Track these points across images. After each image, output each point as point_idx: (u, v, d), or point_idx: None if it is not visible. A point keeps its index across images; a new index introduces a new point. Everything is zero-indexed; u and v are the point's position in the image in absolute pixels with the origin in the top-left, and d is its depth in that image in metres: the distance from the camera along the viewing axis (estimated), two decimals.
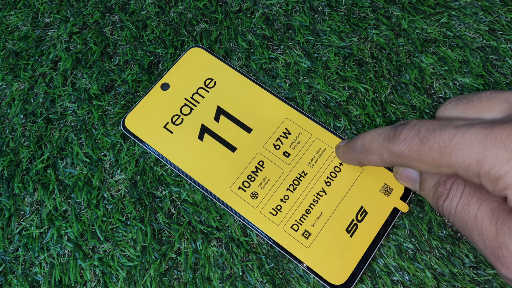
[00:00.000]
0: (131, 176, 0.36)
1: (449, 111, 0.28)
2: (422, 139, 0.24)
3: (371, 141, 0.29)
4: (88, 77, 0.39)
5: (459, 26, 0.40)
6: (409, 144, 0.25)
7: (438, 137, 0.24)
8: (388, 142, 0.27)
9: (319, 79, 0.39)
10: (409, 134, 0.25)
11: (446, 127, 0.24)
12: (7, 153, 0.37)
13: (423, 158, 0.24)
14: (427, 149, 0.24)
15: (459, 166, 0.23)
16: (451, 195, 0.26)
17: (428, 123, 0.25)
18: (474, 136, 0.22)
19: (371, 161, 0.29)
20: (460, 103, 0.28)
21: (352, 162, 0.32)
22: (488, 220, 0.24)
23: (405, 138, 0.25)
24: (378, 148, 0.28)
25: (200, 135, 0.36)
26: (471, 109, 0.27)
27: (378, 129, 0.29)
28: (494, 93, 0.26)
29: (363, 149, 0.30)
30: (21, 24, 0.42)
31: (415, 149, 0.25)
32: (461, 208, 0.25)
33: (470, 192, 0.25)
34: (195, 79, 0.38)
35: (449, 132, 0.23)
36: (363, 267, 0.32)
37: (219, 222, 0.34)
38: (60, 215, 0.35)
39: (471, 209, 0.25)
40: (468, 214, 0.25)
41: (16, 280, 0.33)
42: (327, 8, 0.42)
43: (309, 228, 0.33)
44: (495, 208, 0.24)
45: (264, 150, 0.35)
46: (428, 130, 0.24)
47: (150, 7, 0.42)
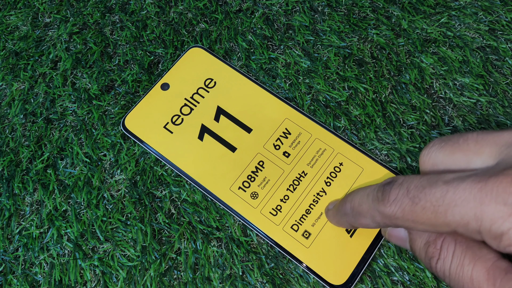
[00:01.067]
0: (131, 176, 0.36)
1: (434, 154, 0.27)
2: (413, 198, 0.23)
3: (360, 203, 0.27)
4: (88, 77, 0.39)
5: (459, 26, 0.40)
6: (400, 205, 0.24)
7: (429, 195, 0.23)
8: (378, 204, 0.25)
9: (319, 79, 0.39)
10: (398, 194, 0.24)
11: (436, 183, 0.23)
12: (7, 153, 0.37)
13: (418, 219, 0.23)
14: (420, 209, 0.23)
15: (457, 224, 0.22)
16: (443, 256, 0.25)
17: (416, 180, 0.24)
18: (467, 191, 0.21)
19: (363, 225, 0.28)
20: (445, 146, 0.26)
21: (345, 226, 0.31)
22: (485, 282, 0.22)
23: (395, 199, 0.24)
24: (369, 211, 0.26)
25: (200, 135, 0.36)
26: (458, 153, 0.25)
27: (365, 189, 0.27)
28: (481, 135, 0.25)
29: (353, 213, 0.28)
30: (21, 24, 0.42)
31: (408, 209, 0.23)
32: (454, 270, 0.24)
33: (461, 252, 0.24)
34: (195, 79, 0.38)
35: (440, 188, 0.22)
36: (363, 267, 0.32)
37: (219, 222, 0.34)
38: (60, 215, 0.35)
39: (465, 270, 0.23)
40: (463, 276, 0.24)
41: (16, 280, 0.33)
42: (327, 8, 0.42)
43: (309, 228, 0.33)
44: (490, 267, 0.23)
45: (264, 150, 0.35)
46: (418, 188, 0.23)
47: (150, 7, 0.42)
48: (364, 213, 0.27)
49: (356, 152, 0.35)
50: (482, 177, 0.21)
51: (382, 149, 0.36)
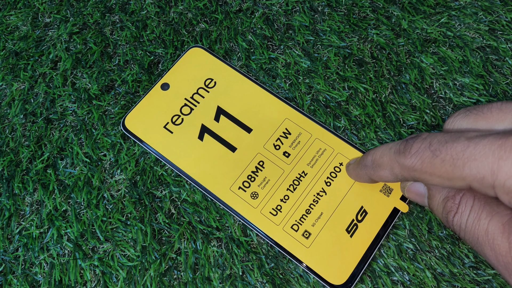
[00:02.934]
0: (131, 176, 0.36)
1: (458, 122, 0.27)
2: (434, 151, 0.24)
3: (382, 155, 0.28)
4: (88, 77, 0.39)
5: (459, 26, 0.40)
6: (420, 156, 0.24)
7: (451, 149, 0.23)
8: (399, 156, 0.26)
9: (319, 79, 0.39)
10: (421, 147, 0.25)
11: (458, 138, 0.23)
12: (7, 153, 0.37)
13: (435, 171, 0.24)
14: (439, 161, 0.23)
15: (473, 178, 0.22)
16: (461, 210, 0.26)
17: (440, 136, 0.24)
18: (487, 147, 0.22)
19: (382, 177, 0.29)
20: (470, 114, 0.27)
21: (363, 179, 0.32)
22: (500, 235, 0.23)
23: (416, 151, 0.25)
24: (389, 162, 0.27)
25: (200, 135, 0.36)
26: (482, 121, 0.26)
27: (388, 144, 0.28)
28: (505, 104, 0.26)
29: (373, 165, 0.29)
30: (21, 24, 0.42)
31: (427, 161, 0.24)
32: (471, 223, 0.25)
33: (479, 207, 0.25)
34: (195, 79, 0.38)
35: (462, 143, 0.23)
36: (363, 267, 0.32)
37: (219, 222, 0.34)
38: (60, 215, 0.35)
39: (481, 223, 0.24)
40: (479, 229, 0.24)
41: (16, 280, 0.33)
42: (327, 8, 0.42)
43: (309, 228, 0.33)
44: (506, 221, 0.23)
45: (264, 150, 0.35)
46: (440, 142, 0.24)
47: (150, 7, 0.42)
48: (384, 164, 0.28)
49: (356, 152, 0.35)
50: (503, 136, 0.22)
51: None
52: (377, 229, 0.33)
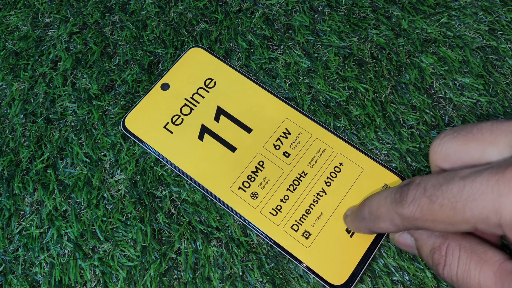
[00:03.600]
0: (131, 176, 0.36)
1: (446, 144, 0.26)
2: (430, 197, 0.23)
3: (378, 206, 0.27)
4: (88, 77, 0.39)
5: (459, 26, 0.40)
6: (418, 204, 0.23)
7: (446, 192, 0.22)
8: (397, 206, 0.25)
9: (319, 79, 0.39)
10: (416, 194, 0.24)
11: (452, 179, 0.22)
12: (7, 153, 0.37)
13: (437, 217, 0.23)
14: (438, 207, 0.22)
15: (477, 220, 0.21)
16: (448, 261, 0.25)
17: (433, 179, 0.23)
18: (484, 184, 0.21)
19: (383, 229, 0.27)
20: (458, 136, 0.25)
21: (364, 231, 0.30)
22: (493, 286, 0.22)
23: (413, 199, 0.24)
24: (388, 213, 0.26)
25: (200, 135, 0.36)
26: (472, 143, 0.25)
27: (383, 193, 0.27)
28: (495, 124, 0.24)
29: (371, 217, 0.28)
30: (21, 24, 0.42)
31: (426, 209, 0.23)
32: (462, 275, 0.24)
33: (467, 257, 0.24)
34: (195, 79, 0.38)
35: (457, 184, 0.22)
36: (363, 267, 0.32)
37: (219, 222, 0.34)
38: (60, 215, 0.35)
39: (472, 275, 0.23)
40: (470, 281, 0.23)
41: (16, 280, 0.33)
42: (327, 8, 0.42)
43: (309, 228, 0.33)
44: (497, 270, 0.23)
45: (264, 150, 0.35)
46: (435, 186, 0.23)
47: (150, 7, 0.42)
48: (383, 216, 0.26)
49: (356, 152, 0.35)
50: (499, 169, 0.21)
51: (382, 149, 0.36)
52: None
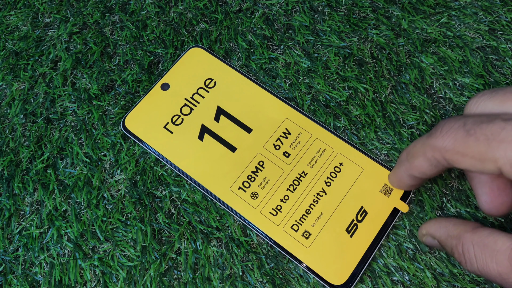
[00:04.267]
0: (131, 176, 0.36)
1: (483, 104, 0.26)
2: (468, 130, 0.23)
3: (415, 144, 0.27)
4: (88, 77, 0.39)
5: (459, 26, 0.40)
6: (454, 135, 0.24)
7: (486, 129, 0.22)
8: (431, 138, 0.25)
9: (319, 79, 0.39)
10: (454, 126, 0.24)
11: (495, 119, 0.23)
12: (7, 153, 0.37)
13: (468, 151, 0.23)
14: (473, 140, 0.23)
15: (506, 161, 0.22)
16: (468, 259, 0.26)
17: (475, 116, 0.24)
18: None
19: (418, 167, 0.28)
20: (496, 96, 0.25)
21: (404, 179, 0.31)
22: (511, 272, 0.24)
23: (448, 130, 0.24)
24: (421, 148, 0.26)
25: (200, 135, 0.36)
26: (509, 102, 0.25)
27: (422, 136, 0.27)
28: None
29: (408, 157, 0.28)
30: (21, 24, 0.42)
31: (460, 140, 0.23)
32: (482, 268, 0.25)
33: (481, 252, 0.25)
34: (195, 79, 0.38)
35: (498, 124, 0.22)
36: (363, 267, 0.32)
37: (219, 222, 0.34)
38: (60, 215, 0.35)
39: (491, 267, 0.24)
40: (491, 273, 0.24)
41: (16, 280, 0.33)
42: (327, 8, 0.42)
43: (309, 228, 0.33)
44: (509, 256, 0.24)
45: (264, 150, 0.35)
46: (475, 122, 0.23)
47: (150, 7, 0.42)
48: (417, 153, 0.27)
49: (356, 152, 0.35)
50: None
51: (382, 149, 0.36)
52: (377, 229, 0.33)
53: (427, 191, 0.35)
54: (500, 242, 0.24)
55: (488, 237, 0.25)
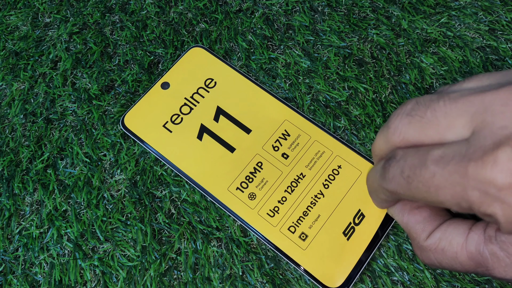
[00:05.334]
0: (131, 176, 0.36)
1: (403, 130, 0.25)
2: (407, 178, 0.24)
3: (373, 181, 0.28)
4: (88, 77, 0.39)
5: (459, 26, 0.40)
6: (397, 183, 0.25)
7: (420, 177, 0.23)
8: (383, 181, 0.26)
9: (319, 79, 0.39)
10: (395, 174, 0.25)
11: (425, 163, 0.23)
12: (7, 153, 0.37)
13: (415, 196, 0.24)
14: (414, 188, 0.23)
15: (450, 203, 0.22)
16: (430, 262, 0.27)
17: (410, 158, 0.24)
18: (452, 175, 0.21)
19: (383, 199, 0.28)
20: (413, 121, 0.25)
21: (375, 203, 0.31)
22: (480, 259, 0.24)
23: (393, 177, 0.25)
24: (379, 188, 0.27)
25: (199, 135, 0.36)
26: (430, 129, 0.24)
27: (377, 166, 0.28)
28: (449, 106, 0.24)
29: (371, 191, 0.29)
30: (21, 24, 0.42)
31: (405, 187, 0.24)
32: (448, 268, 0.26)
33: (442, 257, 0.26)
34: (196, 79, 0.38)
35: (429, 171, 0.22)
36: (359, 271, 0.32)
37: (219, 222, 0.34)
38: (60, 215, 0.35)
39: (457, 267, 0.25)
40: (458, 270, 0.25)
41: (16, 280, 0.33)
42: (327, 8, 0.42)
43: (306, 230, 0.33)
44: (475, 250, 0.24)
45: (263, 151, 0.35)
46: (410, 169, 0.24)
47: (150, 7, 0.42)
48: (377, 190, 0.28)
49: (354, 155, 0.35)
50: (463, 161, 0.21)
51: None
52: (374, 232, 0.33)
53: None
54: (455, 242, 0.25)
55: (442, 241, 0.26)
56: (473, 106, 0.23)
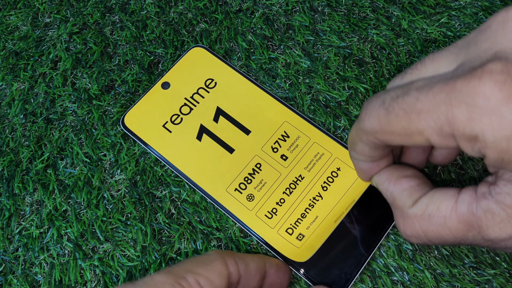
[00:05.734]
0: (131, 176, 0.36)
1: (399, 79, 0.26)
2: (387, 108, 0.23)
3: (351, 132, 0.27)
4: (88, 77, 0.39)
5: (459, 26, 0.40)
6: (377, 116, 0.23)
7: (402, 103, 0.22)
8: (359, 122, 0.25)
9: (319, 79, 0.39)
10: (375, 106, 0.24)
11: (409, 91, 0.22)
12: (7, 153, 0.37)
13: (394, 129, 0.23)
14: (394, 117, 0.22)
15: (431, 131, 0.21)
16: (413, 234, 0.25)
17: (392, 92, 0.23)
18: (437, 96, 0.21)
19: (361, 153, 0.27)
20: (405, 75, 0.25)
21: (359, 174, 0.31)
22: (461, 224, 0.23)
23: (371, 111, 0.24)
24: (356, 134, 0.26)
25: (199, 135, 0.36)
26: (422, 68, 0.25)
27: None
28: (435, 54, 0.24)
29: (350, 146, 0.28)
30: (21, 24, 0.42)
31: (383, 119, 0.23)
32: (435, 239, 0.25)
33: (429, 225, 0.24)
34: (196, 79, 0.38)
35: (412, 96, 0.22)
36: (358, 272, 0.32)
37: (219, 223, 0.34)
38: (60, 215, 0.35)
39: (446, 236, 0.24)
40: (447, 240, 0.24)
41: (16, 280, 0.33)
42: (327, 8, 0.42)
43: (303, 231, 0.33)
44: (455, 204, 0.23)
45: (262, 153, 0.35)
46: (392, 98, 0.23)
47: (150, 7, 0.42)
48: (354, 140, 0.27)
49: None
50: (450, 80, 0.21)
51: None
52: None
53: None
54: (443, 206, 0.24)
55: (429, 206, 0.24)
56: (456, 46, 0.23)
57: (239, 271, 0.28)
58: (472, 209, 0.23)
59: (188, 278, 0.25)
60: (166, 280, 0.25)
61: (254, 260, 0.29)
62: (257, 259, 0.30)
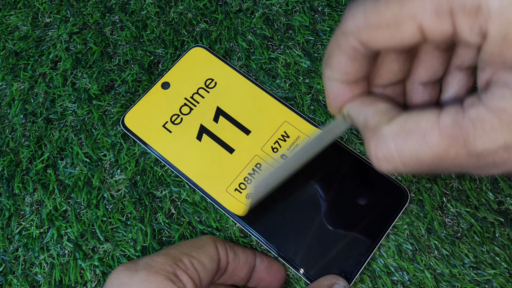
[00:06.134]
0: (131, 176, 0.36)
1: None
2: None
3: (327, 46, 0.24)
4: (88, 77, 0.39)
5: None
6: (363, 10, 0.20)
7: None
8: (341, 26, 0.22)
9: (319, 79, 0.39)
10: (361, 2, 0.21)
11: None
12: (7, 153, 0.37)
13: (381, 19, 0.20)
14: (384, 4, 0.19)
15: (426, 10, 0.18)
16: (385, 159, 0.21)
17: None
18: None
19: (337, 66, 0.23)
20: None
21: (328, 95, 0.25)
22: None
23: (357, 7, 0.21)
24: (335, 42, 0.22)
25: (199, 135, 0.36)
26: None
27: None
28: None
29: (324, 63, 0.24)
30: (21, 24, 0.42)
31: (370, 11, 0.20)
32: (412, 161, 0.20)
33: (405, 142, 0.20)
34: (196, 79, 0.38)
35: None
36: (359, 270, 0.32)
37: (219, 223, 0.34)
38: (60, 215, 0.35)
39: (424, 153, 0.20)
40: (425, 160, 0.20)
41: (16, 280, 0.33)
42: (327, 8, 0.42)
43: None
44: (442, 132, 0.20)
45: (262, 153, 0.35)
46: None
47: (150, 7, 0.42)
48: (332, 50, 0.23)
49: (354, 157, 0.35)
50: None
51: None
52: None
53: (427, 191, 0.35)
54: (423, 120, 0.20)
55: (407, 122, 0.21)
56: None
57: (228, 259, 0.29)
58: (458, 120, 0.19)
59: (184, 260, 0.27)
60: (165, 261, 0.26)
61: (244, 252, 0.30)
62: (248, 252, 0.31)
